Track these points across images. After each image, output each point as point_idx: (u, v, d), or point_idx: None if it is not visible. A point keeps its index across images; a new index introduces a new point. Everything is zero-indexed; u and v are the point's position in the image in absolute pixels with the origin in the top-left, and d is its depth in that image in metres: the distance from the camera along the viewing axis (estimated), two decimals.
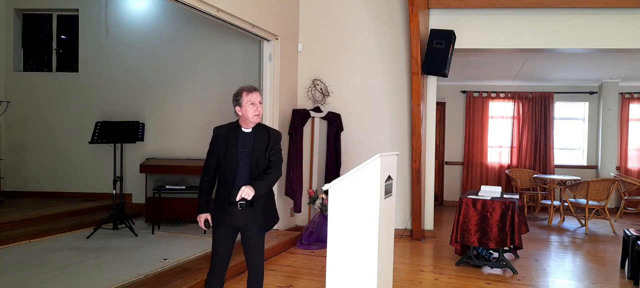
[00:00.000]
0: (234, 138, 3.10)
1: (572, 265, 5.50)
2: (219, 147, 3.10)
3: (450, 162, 9.87)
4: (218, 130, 3.16)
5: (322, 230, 5.83)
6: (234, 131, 3.13)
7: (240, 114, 3.10)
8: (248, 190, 2.95)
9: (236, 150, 3.08)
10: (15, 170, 7.81)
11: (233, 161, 3.06)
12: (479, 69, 8.71)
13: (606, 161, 9.18)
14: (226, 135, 3.11)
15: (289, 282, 4.57)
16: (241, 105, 3.07)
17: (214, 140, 3.14)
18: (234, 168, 3.06)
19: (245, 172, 3.07)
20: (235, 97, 3.10)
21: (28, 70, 8.08)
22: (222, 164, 3.09)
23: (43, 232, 5.74)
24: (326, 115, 6.65)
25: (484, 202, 5.03)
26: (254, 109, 3.06)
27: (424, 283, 4.66)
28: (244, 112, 3.07)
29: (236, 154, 3.07)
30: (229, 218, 3.07)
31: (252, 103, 3.06)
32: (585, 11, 6.17)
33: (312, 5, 6.85)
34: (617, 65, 8.20)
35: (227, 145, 3.08)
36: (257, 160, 3.10)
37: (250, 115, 3.06)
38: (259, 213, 3.12)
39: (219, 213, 3.10)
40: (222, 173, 3.11)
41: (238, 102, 3.08)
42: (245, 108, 3.06)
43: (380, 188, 3.31)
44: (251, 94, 3.07)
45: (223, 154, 3.08)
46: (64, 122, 7.76)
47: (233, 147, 3.07)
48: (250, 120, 3.08)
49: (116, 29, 7.66)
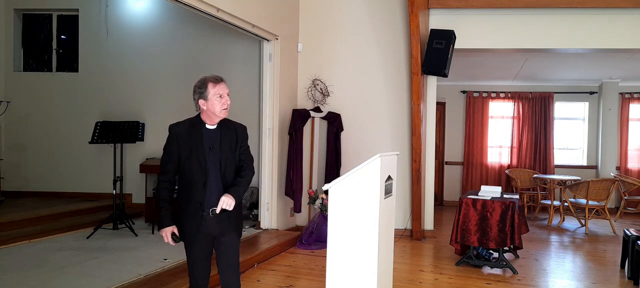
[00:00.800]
0: (197, 136, 2.72)
1: (572, 265, 5.50)
2: (179, 147, 2.71)
3: (450, 162, 9.87)
4: (176, 127, 2.75)
5: (322, 230, 5.83)
6: (197, 128, 2.75)
7: (204, 108, 2.72)
8: (229, 200, 2.67)
9: (203, 151, 2.71)
10: (15, 170, 7.81)
11: (201, 163, 2.70)
12: (479, 69, 8.71)
13: (606, 161, 9.18)
14: (187, 133, 2.72)
15: (289, 282, 4.57)
16: (206, 98, 2.69)
17: (173, 139, 2.72)
18: (203, 171, 2.70)
19: (216, 175, 2.73)
20: (199, 88, 2.72)
21: (28, 70, 8.08)
22: (187, 167, 2.70)
23: (43, 232, 5.74)
24: (326, 115, 6.65)
25: (484, 202, 5.03)
26: (222, 102, 2.71)
27: (424, 283, 4.66)
28: (210, 106, 2.70)
29: (204, 155, 2.71)
30: (203, 227, 2.73)
31: (220, 95, 2.70)
32: (585, 11, 6.17)
33: (312, 5, 6.85)
34: (617, 65, 8.20)
35: (191, 145, 2.70)
36: (227, 160, 2.76)
37: (217, 109, 2.70)
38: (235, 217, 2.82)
39: (189, 224, 2.73)
40: (187, 177, 2.72)
41: (202, 94, 2.70)
42: (212, 101, 2.69)
43: (380, 188, 3.31)
44: (218, 85, 2.71)
45: (187, 155, 2.69)
46: (64, 122, 7.76)
47: (199, 147, 2.71)
48: (217, 115, 2.73)
49: (116, 29, 7.66)
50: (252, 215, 6.79)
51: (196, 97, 2.74)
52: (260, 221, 6.42)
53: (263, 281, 4.59)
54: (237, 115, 7.67)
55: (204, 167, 2.71)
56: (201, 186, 2.71)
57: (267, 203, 6.34)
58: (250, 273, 4.80)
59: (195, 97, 2.74)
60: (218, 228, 2.77)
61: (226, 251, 2.84)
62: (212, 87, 2.71)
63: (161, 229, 2.76)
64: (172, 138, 2.74)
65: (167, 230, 2.74)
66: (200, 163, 2.71)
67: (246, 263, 4.91)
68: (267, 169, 6.32)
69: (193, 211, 2.72)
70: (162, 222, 2.76)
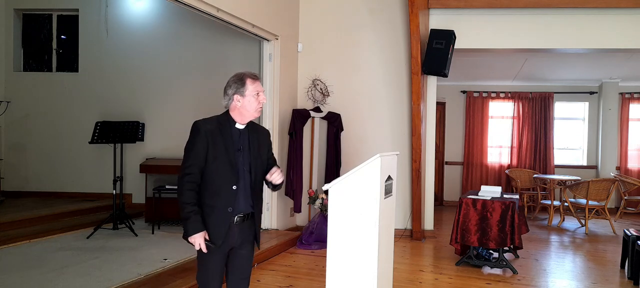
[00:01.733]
0: (227, 136, 2.52)
1: (572, 265, 5.50)
2: (208, 146, 2.47)
3: (450, 162, 9.87)
4: (205, 124, 2.51)
5: (322, 230, 5.83)
6: (226, 127, 2.53)
7: (238, 105, 2.51)
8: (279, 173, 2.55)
9: (234, 151, 2.52)
10: (15, 170, 7.81)
11: (233, 165, 2.49)
12: (479, 69, 8.71)
13: (606, 161, 9.18)
14: (215, 131, 2.50)
15: (289, 282, 4.57)
16: (243, 94, 2.50)
17: (202, 136, 2.47)
18: (234, 174, 2.50)
19: (245, 179, 2.54)
20: (235, 83, 2.52)
21: (28, 70, 8.08)
22: (214, 169, 2.47)
23: (43, 232, 5.74)
24: (326, 115, 6.65)
25: (484, 202, 5.03)
26: (258, 102, 2.52)
27: (424, 283, 4.66)
28: (246, 103, 2.50)
29: (234, 156, 2.51)
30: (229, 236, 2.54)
31: (258, 93, 2.52)
32: (585, 11, 6.17)
33: (312, 5, 6.85)
34: (617, 65, 8.20)
35: (220, 145, 2.49)
36: (256, 163, 2.59)
37: (253, 107, 2.52)
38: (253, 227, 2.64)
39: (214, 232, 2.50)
40: (213, 180, 2.48)
41: (238, 89, 2.51)
42: (249, 98, 2.50)
43: (380, 188, 3.31)
44: (257, 83, 2.53)
45: (215, 155, 2.47)
46: (64, 122, 7.76)
47: (229, 147, 2.50)
48: (251, 114, 2.54)
49: (116, 29, 7.66)
50: None
51: (231, 91, 2.52)
52: None
53: (263, 281, 4.59)
54: None
55: (235, 169, 2.50)
56: (231, 190, 2.50)
57: (267, 204, 6.34)
58: (250, 273, 4.79)
59: (230, 91, 2.52)
60: (240, 237, 2.59)
61: (242, 263, 2.66)
62: (251, 83, 2.52)
63: (191, 235, 2.45)
64: (201, 136, 2.47)
65: (198, 237, 2.45)
66: (231, 165, 2.49)
67: None
68: None
69: (220, 218, 2.50)
70: (191, 227, 2.44)
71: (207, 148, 2.47)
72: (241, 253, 2.64)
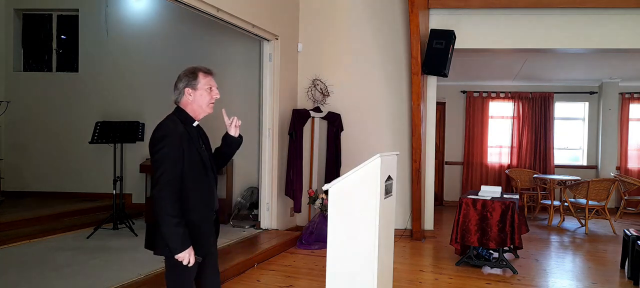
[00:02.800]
0: (193, 135, 2.40)
1: (572, 265, 5.50)
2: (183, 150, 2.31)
3: (450, 162, 9.87)
4: (175, 126, 2.34)
5: (322, 230, 5.83)
6: (188, 126, 2.40)
7: (190, 99, 2.40)
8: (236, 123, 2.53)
9: (203, 151, 2.43)
10: (15, 170, 7.81)
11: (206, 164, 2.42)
12: (479, 69, 8.71)
13: (606, 161, 9.18)
14: (184, 133, 2.35)
15: (289, 282, 4.57)
16: (195, 88, 2.40)
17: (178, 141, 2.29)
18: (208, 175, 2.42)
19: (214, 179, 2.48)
20: (188, 76, 2.41)
21: (28, 70, 8.08)
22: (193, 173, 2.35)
23: (43, 232, 5.74)
24: (326, 115, 6.65)
25: (484, 202, 5.03)
26: (212, 95, 2.44)
27: (424, 283, 4.66)
28: (197, 98, 2.40)
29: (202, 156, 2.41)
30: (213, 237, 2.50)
31: (210, 88, 2.44)
32: (585, 11, 6.17)
33: (312, 5, 6.86)
34: (617, 65, 8.20)
35: (192, 146, 2.36)
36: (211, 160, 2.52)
37: (204, 103, 2.42)
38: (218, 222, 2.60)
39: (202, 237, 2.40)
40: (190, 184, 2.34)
41: (191, 83, 2.40)
42: (201, 93, 2.40)
43: (380, 188, 3.31)
44: (209, 77, 2.45)
45: (191, 159, 2.34)
46: (64, 122, 7.76)
47: (199, 147, 2.41)
48: (203, 109, 2.44)
49: (116, 29, 7.66)
50: (252, 215, 6.79)
51: (182, 85, 2.40)
52: (260, 221, 6.42)
53: (263, 281, 4.59)
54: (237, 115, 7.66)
55: (208, 168, 2.43)
56: (209, 190, 2.43)
57: (267, 203, 6.34)
58: (250, 273, 4.80)
59: (181, 85, 2.40)
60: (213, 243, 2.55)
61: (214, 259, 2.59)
62: (203, 77, 2.42)
63: (181, 252, 2.26)
64: (176, 138, 2.30)
65: (189, 252, 2.28)
66: (204, 165, 2.41)
67: (246, 263, 4.91)
68: (267, 169, 6.33)
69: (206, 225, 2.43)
70: (181, 243, 2.25)
71: (183, 153, 2.31)
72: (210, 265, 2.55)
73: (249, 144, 7.04)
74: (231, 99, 7.17)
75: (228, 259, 4.84)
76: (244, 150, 7.05)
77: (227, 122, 2.58)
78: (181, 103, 2.44)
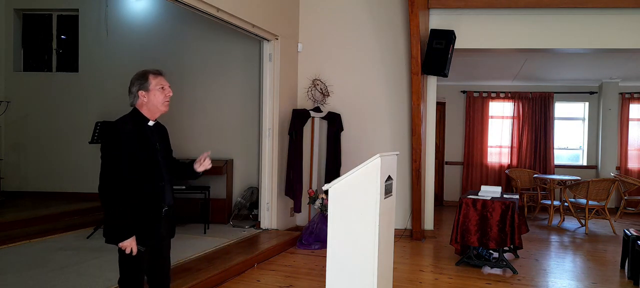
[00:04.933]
0: (143, 133, 2.58)
1: (572, 265, 5.50)
2: (130, 145, 2.49)
3: (450, 162, 9.87)
4: (123, 124, 2.54)
5: (322, 230, 5.83)
6: (141, 124, 2.59)
7: (145, 100, 2.57)
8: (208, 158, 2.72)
9: (154, 148, 2.60)
10: (15, 170, 7.81)
11: (155, 161, 2.59)
12: (479, 69, 8.71)
13: (606, 161, 9.18)
14: (133, 130, 2.54)
15: (289, 282, 4.57)
16: (147, 89, 2.56)
17: (124, 137, 2.48)
18: (159, 171, 2.60)
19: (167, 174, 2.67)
20: (139, 80, 2.58)
21: (28, 70, 8.08)
22: (139, 167, 2.51)
23: (43, 232, 5.75)
24: (326, 115, 6.65)
25: (484, 202, 5.03)
26: (164, 95, 2.61)
27: (424, 283, 4.66)
28: (152, 98, 2.57)
29: (155, 153, 2.60)
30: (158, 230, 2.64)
31: (162, 87, 2.61)
32: (585, 11, 6.17)
33: (312, 5, 6.86)
34: (617, 65, 8.20)
35: (141, 143, 2.54)
36: (168, 158, 2.73)
37: (159, 102, 2.59)
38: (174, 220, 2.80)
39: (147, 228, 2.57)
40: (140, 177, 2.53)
41: (143, 85, 2.57)
42: (154, 93, 2.57)
43: (380, 188, 3.31)
44: (159, 77, 2.61)
45: (138, 154, 2.51)
46: (64, 122, 7.76)
47: (150, 144, 2.58)
48: (158, 108, 2.61)
49: (116, 29, 7.66)
50: (252, 215, 6.79)
51: (135, 88, 2.58)
52: (260, 221, 6.42)
53: (263, 281, 4.59)
54: (237, 115, 7.70)
55: (158, 165, 2.60)
56: (158, 185, 2.60)
57: (267, 203, 6.34)
58: (250, 273, 4.80)
59: (134, 88, 2.58)
60: (165, 229, 2.70)
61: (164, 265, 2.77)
62: (153, 78, 2.60)
63: (124, 241, 2.47)
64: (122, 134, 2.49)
65: (132, 240, 2.49)
66: (154, 161, 2.59)
67: (246, 263, 4.91)
68: (267, 169, 6.33)
69: (151, 214, 2.58)
70: (123, 232, 2.47)
71: (129, 148, 2.48)
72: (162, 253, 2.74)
73: (249, 144, 7.07)
74: (231, 99, 7.18)
75: (228, 259, 4.84)
76: (244, 150, 7.10)
77: (201, 157, 2.77)
78: (137, 105, 2.62)
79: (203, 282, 4.17)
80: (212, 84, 7.25)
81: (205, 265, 4.58)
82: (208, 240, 5.67)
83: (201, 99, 7.32)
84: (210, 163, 2.77)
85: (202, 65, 7.37)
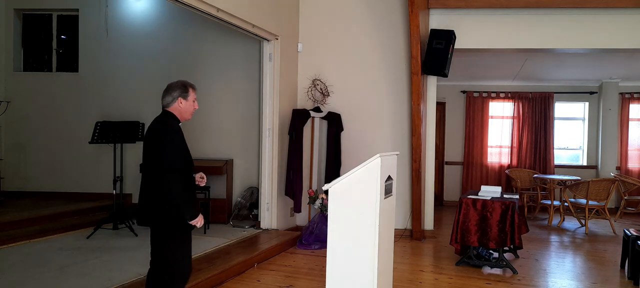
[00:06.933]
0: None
1: (572, 265, 5.50)
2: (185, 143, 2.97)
3: (450, 162, 9.87)
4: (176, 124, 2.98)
5: (322, 230, 5.83)
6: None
7: (180, 107, 3.00)
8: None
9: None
10: (15, 170, 7.81)
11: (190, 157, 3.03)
12: (479, 69, 8.71)
13: (606, 161, 9.18)
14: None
15: (289, 282, 4.57)
16: (186, 99, 3.01)
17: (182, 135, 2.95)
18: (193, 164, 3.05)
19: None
20: (181, 88, 3.00)
21: (28, 70, 8.07)
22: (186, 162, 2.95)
23: (43, 232, 5.74)
24: (326, 115, 6.65)
25: (484, 202, 5.03)
26: (194, 107, 3.07)
27: (424, 283, 4.66)
28: (187, 108, 3.02)
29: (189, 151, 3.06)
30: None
31: (194, 100, 3.06)
32: (585, 11, 6.17)
33: (312, 5, 6.86)
34: (617, 65, 8.20)
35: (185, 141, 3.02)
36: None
37: (190, 111, 3.05)
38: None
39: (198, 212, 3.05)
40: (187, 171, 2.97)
41: (183, 94, 3.00)
42: (190, 103, 3.03)
43: (380, 188, 3.32)
44: (195, 92, 3.07)
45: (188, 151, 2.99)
46: (64, 122, 7.76)
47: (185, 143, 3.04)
48: (185, 117, 3.06)
49: (116, 29, 7.65)
50: (252, 215, 6.79)
51: (177, 94, 2.98)
52: (260, 221, 6.42)
53: (263, 281, 4.59)
54: (238, 115, 7.70)
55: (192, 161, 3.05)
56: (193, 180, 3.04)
57: (267, 203, 6.34)
58: (250, 273, 4.80)
59: (176, 93, 2.98)
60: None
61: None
62: (193, 92, 3.05)
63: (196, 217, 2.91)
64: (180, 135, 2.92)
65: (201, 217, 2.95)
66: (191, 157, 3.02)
67: (246, 263, 4.91)
68: (267, 169, 6.33)
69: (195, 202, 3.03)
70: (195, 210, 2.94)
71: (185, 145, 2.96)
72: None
73: (249, 144, 7.07)
74: (231, 99, 7.18)
75: (228, 259, 4.84)
76: (244, 150, 7.10)
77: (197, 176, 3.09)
78: (170, 108, 3.00)
79: (203, 282, 4.17)
80: (212, 84, 7.25)
81: (206, 265, 4.58)
82: (208, 240, 5.66)
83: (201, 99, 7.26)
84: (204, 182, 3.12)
85: (202, 65, 7.37)
